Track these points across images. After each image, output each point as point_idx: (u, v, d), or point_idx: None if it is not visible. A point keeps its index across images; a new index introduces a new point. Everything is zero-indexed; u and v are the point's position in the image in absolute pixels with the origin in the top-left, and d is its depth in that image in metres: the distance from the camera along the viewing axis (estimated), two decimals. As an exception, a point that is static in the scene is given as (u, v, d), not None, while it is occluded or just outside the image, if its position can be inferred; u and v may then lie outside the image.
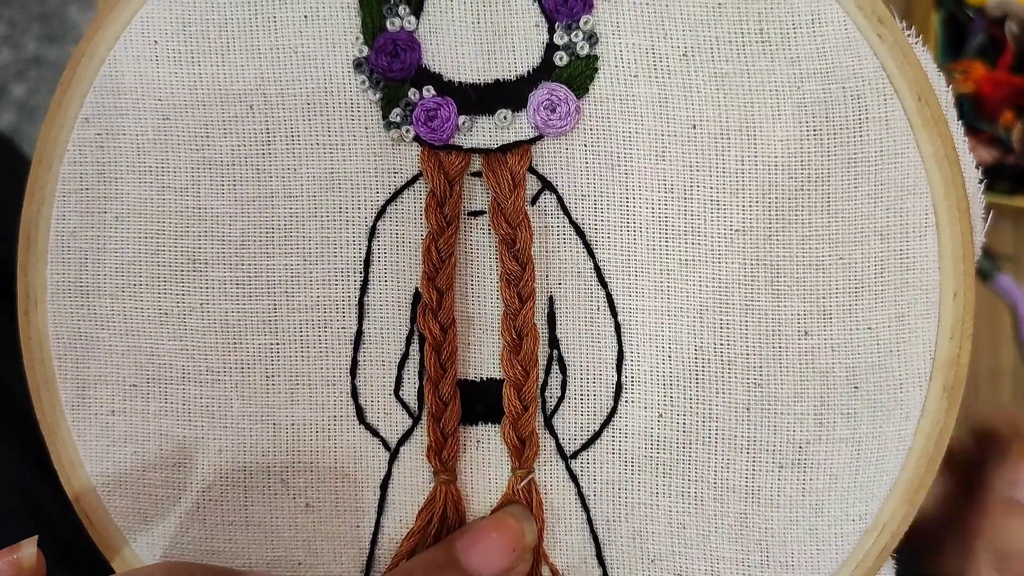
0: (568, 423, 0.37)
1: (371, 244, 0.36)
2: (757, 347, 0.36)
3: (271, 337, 0.37)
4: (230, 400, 0.37)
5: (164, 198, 0.37)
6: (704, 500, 0.37)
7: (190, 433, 0.37)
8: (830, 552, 0.37)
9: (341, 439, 0.37)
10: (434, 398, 0.36)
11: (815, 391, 0.36)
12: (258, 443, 0.37)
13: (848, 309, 0.36)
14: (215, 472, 0.38)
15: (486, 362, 0.37)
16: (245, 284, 0.37)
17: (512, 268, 0.36)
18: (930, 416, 0.36)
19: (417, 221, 0.36)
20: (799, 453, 0.36)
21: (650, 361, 0.36)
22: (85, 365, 0.38)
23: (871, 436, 0.36)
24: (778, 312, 0.36)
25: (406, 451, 0.37)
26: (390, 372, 0.37)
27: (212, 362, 0.37)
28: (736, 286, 0.36)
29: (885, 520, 0.37)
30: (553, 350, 0.37)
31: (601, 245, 0.36)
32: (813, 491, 0.36)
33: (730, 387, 0.36)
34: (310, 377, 0.37)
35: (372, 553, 0.38)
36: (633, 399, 0.37)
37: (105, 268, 0.37)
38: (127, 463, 0.38)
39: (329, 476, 0.37)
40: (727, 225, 0.36)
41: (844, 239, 0.35)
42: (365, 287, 0.37)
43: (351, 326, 0.37)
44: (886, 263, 0.36)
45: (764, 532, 0.37)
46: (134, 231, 0.37)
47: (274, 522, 0.38)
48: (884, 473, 0.37)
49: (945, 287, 0.36)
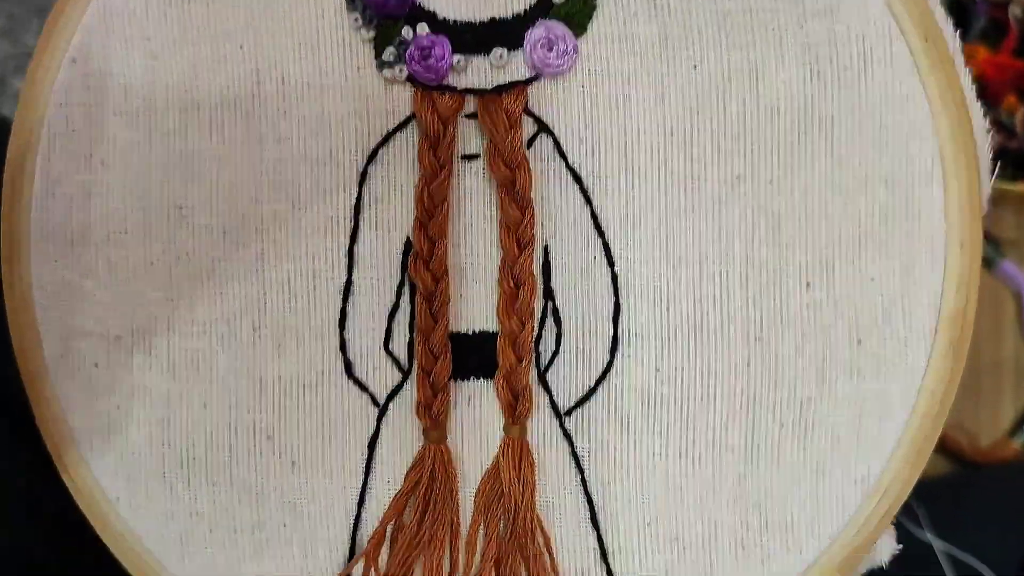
0: (562, 378, 0.36)
1: (361, 190, 0.35)
2: (758, 300, 0.35)
3: (258, 287, 0.36)
4: (215, 353, 0.36)
5: (151, 141, 0.36)
6: (703, 460, 0.36)
7: (174, 387, 0.36)
8: (832, 514, 0.36)
9: (329, 395, 0.36)
10: (424, 350, 0.35)
11: (817, 346, 0.35)
12: (243, 398, 0.36)
13: (851, 260, 0.35)
14: (199, 429, 0.36)
15: (479, 314, 0.36)
16: (232, 232, 0.36)
17: (512, 213, 0.35)
18: (935, 373, 0.35)
19: (409, 166, 0.35)
20: (800, 411, 0.35)
21: (647, 314, 0.35)
22: (69, 315, 0.37)
23: (875, 393, 0.35)
24: (780, 263, 0.35)
25: (395, 408, 0.36)
26: (380, 324, 0.36)
27: (197, 313, 0.36)
28: (737, 236, 0.35)
29: (888, 482, 0.35)
30: (548, 301, 0.36)
31: (598, 192, 0.35)
32: (814, 451, 0.35)
33: (730, 342, 0.35)
34: (298, 329, 0.36)
35: (359, 515, 0.36)
36: (629, 354, 0.36)
37: (90, 216, 0.36)
38: (110, 418, 0.37)
39: (316, 433, 0.36)
40: (729, 172, 0.35)
41: (848, 187, 0.34)
42: (355, 235, 0.36)
43: (340, 276, 0.36)
44: (891, 212, 0.35)
45: (764, 494, 0.36)
46: (120, 177, 0.36)
47: (259, 482, 0.36)
48: (888, 433, 0.35)
49: (952, 237, 0.35)
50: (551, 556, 0.36)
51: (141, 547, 0.37)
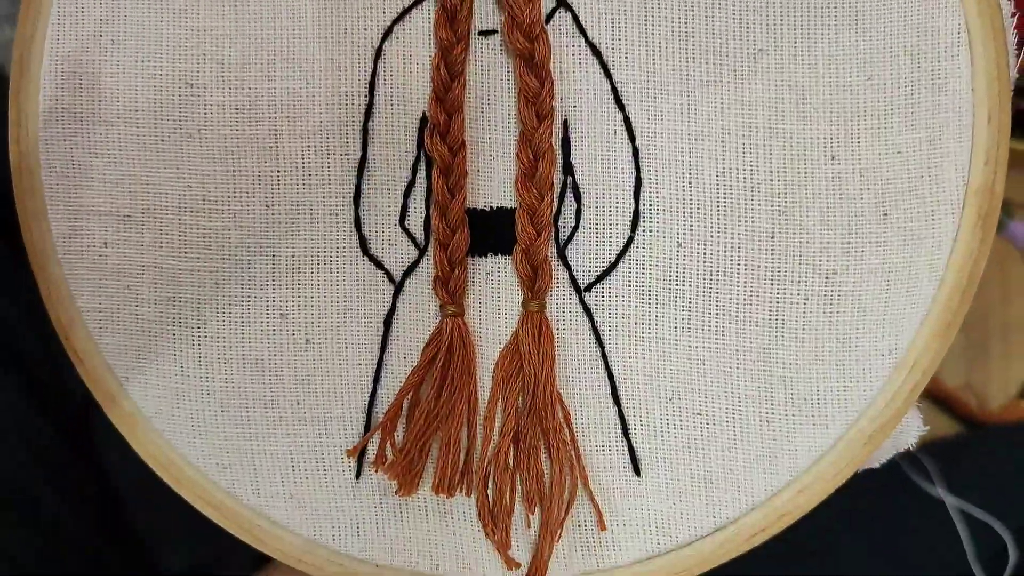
0: (582, 254, 0.35)
1: (376, 66, 0.35)
2: (782, 172, 0.34)
3: (271, 164, 0.35)
4: (228, 230, 0.35)
5: (162, 19, 0.35)
6: (726, 334, 0.35)
7: (186, 265, 0.36)
8: (858, 388, 0.35)
9: (343, 271, 0.35)
10: (442, 224, 0.35)
11: (843, 218, 0.34)
12: (256, 276, 0.35)
13: (877, 132, 0.34)
14: (211, 306, 0.36)
15: (497, 190, 0.35)
16: (245, 108, 0.35)
17: (531, 84, 0.34)
18: (963, 246, 0.35)
19: (425, 43, 0.35)
20: (826, 284, 0.34)
21: (669, 188, 0.35)
22: (77, 195, 0.36)
23: (901, 266, 0.34)
24: (804, 135, 0.34)
25: (411, 284, 0.36)
26: (395, 201, 0.35)
27: (209, 191, 0.35)
28: (760, 108, 0.34)
29: (916, 355, 0.35)
30: (567, 177, 0.35)
31: (618, 66, 0.34)
32: (840, 324, 0.35)
33: (754, 214, 0.34)
34: (311, 206, 0.35)
35: (375, 391, 0.36)
36: (651, 228, 0.35)
37: (100, 93, 0.35)
38: (120, 297, 0.36)
39: (330, 310, 0.35)
40: (751, 44, 0.34)
41: (873, 59, 0.34)
42: (370, 112, 0.35)
43: (355, 152, 0.35)
44: (917, 84, 0.34)
45: (789, 367, 0.35)
46: (131, 55, 0.35)
47: (272, 359, 0.36)
48: (915, 305, 0.35)
49: (979, 109, 0.34)
50: (570, 430, 0.35)
51: (151, 427, 0.36)
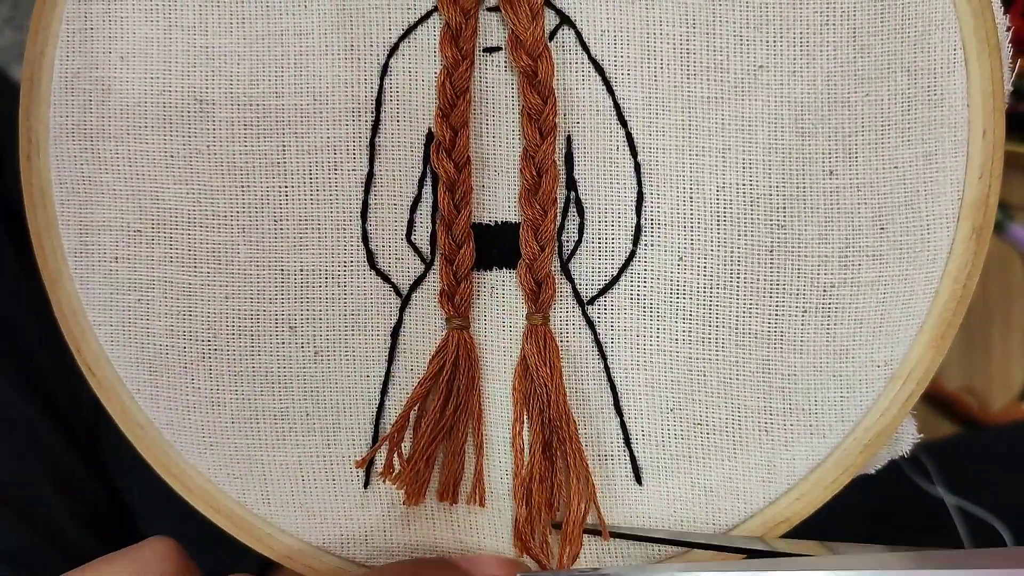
0: (585, 267, 0.36)
1: (383, 83, 0.35)
2: (781, 187, 0.35)
3: (280, 180, 0.36)
4: (237, 245, 0.36)
5: (171, 36, 0.36)
6: (726, 346, 0.36)
7: (196, 280, 0.36)
8: (855, 399, 0.36)
9: (351, 285, 0.36)
10: (447, 239, 0.35)
11: (841, 232, 0.35)
12: (266, 290, 0.36)
13: (874, 147, 0.35)
14: (221, 320, 0.36)
15: (501, 205, 0.36)
16: (253, 125, 0.36)
17: (533, 102, 0.35)
18: (958, 258, 0.35)
19: (431, 59, 0.35)
20: (824, 296, 0.35)
21: (670, 202, 0.35)
22: (88, 210, 0.37)
23: (897, 279, 0.35)
24: (803, 150, 0.35)
25: (418, 298, 0.36)
26: (402, 216, 0.36)
27: (219, 206, 0.36)
28: (760, 124, 0.35)
29: (911, 366, 0.35)
30: (571, 192, 0.36)
31: (621, 82, 0.35)
32: (838, 336, 0.35)
33: (753, 229, 0.35)
34: (319, 221, 0.36)
35: (382, 403, 0.36)
36: (652, 242, 0.36)
37: (110, 110, 0.36)
38: (131, 312, 0.37)
39: (338, 323, 0.36)
40: (751, 61, 0.35)
41: (870, 75, 0.34)
42: (376, 127, 0.36)
43: (362, 168, 0.36)
44: (913, 100, 0.35)
45: (787, 378, 0.36)
46: (140, 71, 0.36)
47: (282, 372, 0.36)
48: (911, 317, 0.35)
49: (974, 124, 0.35)
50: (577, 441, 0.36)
51: (161, 439, 0.37)
